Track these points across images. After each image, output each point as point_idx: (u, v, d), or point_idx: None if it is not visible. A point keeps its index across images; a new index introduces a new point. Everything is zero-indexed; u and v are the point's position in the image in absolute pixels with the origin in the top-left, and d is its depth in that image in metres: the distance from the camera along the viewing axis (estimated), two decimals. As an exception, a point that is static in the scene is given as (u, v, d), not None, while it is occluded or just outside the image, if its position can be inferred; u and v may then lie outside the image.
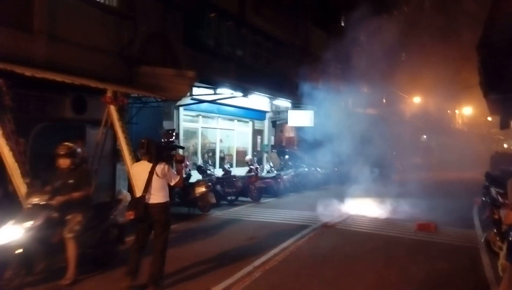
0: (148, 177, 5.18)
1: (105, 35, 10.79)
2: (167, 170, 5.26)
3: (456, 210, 11.33)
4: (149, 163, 5.25)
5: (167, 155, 5.36)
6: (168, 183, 5.35)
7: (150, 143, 5.32)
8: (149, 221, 5.25)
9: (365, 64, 21.93)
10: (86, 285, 5.46)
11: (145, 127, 12.55)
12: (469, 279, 6.09)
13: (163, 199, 5.29)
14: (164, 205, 5.30)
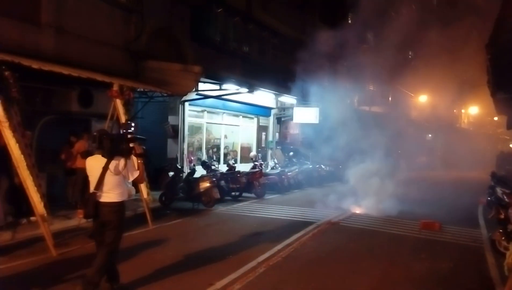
0: (101, 174, 4.67)
1: (112, 29, 10.83)
2: (123, 166, 4.73)
3: (461, 209, 11.29)
4: (103, 158, 4.73)
5: (125, 149, 4.77)
6: (127, 179, 4.87)
7: (103, 136, 4.81)
8: (100, 221, 4.77)
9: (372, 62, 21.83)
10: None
11: (150, 122, 12.61)
12: (474, 278, 6.07)
13: (117, 198, 4.77)
14: (117, 205, 4.77)
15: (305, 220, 9.67)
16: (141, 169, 4.97)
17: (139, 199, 9.54)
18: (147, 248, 6.97)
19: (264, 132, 18.92)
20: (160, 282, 5.36)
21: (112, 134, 4.93)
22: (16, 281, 5.05)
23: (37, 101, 9.12)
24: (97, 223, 4.80)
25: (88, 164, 4.85)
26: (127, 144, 4.83)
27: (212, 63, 13.29)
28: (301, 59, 16.82)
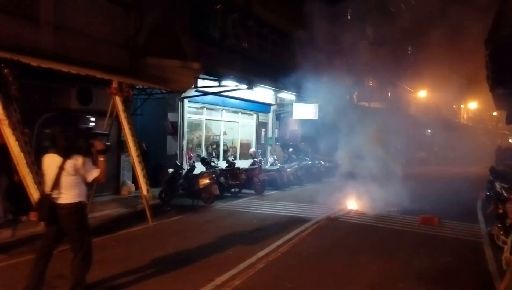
0: (56, 174, 4.34)
1: (111, 26, 10.81)
2: (80, 165, 4.40)
3: (460, 204, 11.33)
4: (59, 157, 4.38)
5: (82, 146, 4.46)
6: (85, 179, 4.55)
7: (57, 133, 4.44)
8: (57, 224, 4.42)
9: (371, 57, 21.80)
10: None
11: (150, 119, 12.63)
12: (472, 272, 6.10)
13: (75, 198, 4.43)
14: (75, 206, 4.43)
15: (305, 216, 9.69)
16: (102, 167, 4.61)
17: (138, 196, 9.59)
18: (147, 245, 7.01)
19: (264, 129, 18.93)
20: (160, 278, 5.39)
21: (68, 130, 4.52)
22: (16, 279, 5.07)
23: (36, 98, 9.11)
24: (52, 227, 4.45)
25: (43, 162, 4.52)
26: (86, 140, 4.54)
27: (211, 60, 13.29)
28: (300, 55, 16.81)
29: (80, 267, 4.50)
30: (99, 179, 4.62)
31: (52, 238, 4.48)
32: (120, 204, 10.03)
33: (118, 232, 7.78)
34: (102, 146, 4.61)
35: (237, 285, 5.25)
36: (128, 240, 7.35)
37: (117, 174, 11.44)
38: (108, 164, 10.29)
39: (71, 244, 4.52)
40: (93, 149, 4.57)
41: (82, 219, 4.56)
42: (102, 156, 4.63)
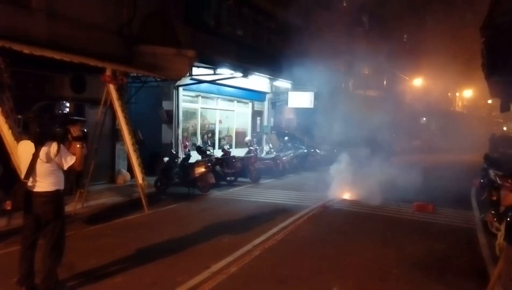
0: (31, 161, 4.18)
1: (104, 13, 10.67)
2: (55, 153, 4.20)
3: (454, 192, 11.41)
4: (32, 144, 4.22)
5: (57, 132, 4.27)
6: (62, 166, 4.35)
7: (31, 119, 4.23)
8: (34, 213, 4.28)
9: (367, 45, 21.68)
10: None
11: (144, 107, 12.55)
12: (466, 259, 6.17)
13: (51, 187, 4.27)
14: (51, 194, 4.27)
15: (300, 204, 9.73)
16: (79, 154, 4.36)
17: (134, 184, 9.57)
18: (143, 233, 7.01)
19: (259, 117, 18.88)
20: (156, 266, 5.41)
21: (42, 116, 4.28)
22: (12, 268, 5.07)
23: (29, 86, 9.02)
24: (30, 216, 4.29)
25: (18, 149, 4.42)
26: (61, 126, 4.35)
27: (206, 48, 13.16)
28: (296, 43, 16.71)
29: (50, 258, 4.32)
30: (75, 167, 4.38)
31: (33, 228, 4.33)
32: (115, 193, 10.02)
33: (113, 221, 7.78)
34: (78, 132, 4.39)
35: (233, 272, 5.28)
36: (123, 228, 7.36)
37: (112, 163, 11.41)
38: (103, 152, 10.32)
39: (42, 233, 4.35)
40: (69, 135, 4.38)
41: (58, 208, 4.38)
42: (78, 143, 4.39)
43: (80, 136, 4.40)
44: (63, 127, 4.35)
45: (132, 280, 4.98)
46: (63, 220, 4.52)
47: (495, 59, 8.81)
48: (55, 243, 4.34)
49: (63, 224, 4.49)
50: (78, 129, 4.43)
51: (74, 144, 4.41)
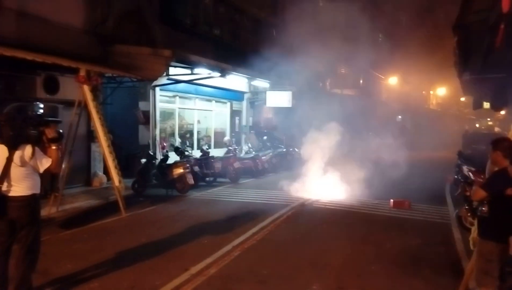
0: (4, 165, 4.02)
1: (77, 12, 10.43)
2: (29, 156, 4.05)
3: (429, 188, 11.65)
4: (6, 147, 4.04)
5: (31, 135, 4.11)
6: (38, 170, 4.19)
7: (2, 122, 4.05)
8: (9, 218, 4.10)
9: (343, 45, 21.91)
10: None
11: (120, 108, 12.36)
12: (441, 253, 6.30)
13: (27, 191, 4.13)
14: (27, 198, 4.12)
15: (280, 203, 9.76)
16: (55, 156, 4.23)
17: (110, 187, 9.40)
18: (120, 236, 6.89)
19: (238, 117, 18.84)
20: (134, 269, 5.32)
21: (14, 119, 4.12)
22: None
23: (0, 88, 8.74)
24: (4, 222, 4.10)
25: None
26: (35, 128, 4.17)
27: (183, 47, 13.01)
28: (273, 42, 16.74)
29: (24, 264, 4.16)
30: (52, 169, 4.25)
31: (8, 234, 4.15)
32: (91, 196, 9.82)
33: (90, 224, 7.61)
34: (53, 133, 4.24)
35: (212, 273, 5.24)
36: (100, 232, 7.21)
37: (88, 165, 11.17)
38: (78, 155, 10.11)
39: (17, 238, 4.18)
40: (44, 137, 4.22)
41: (34, 212, 4.24)
42: (54, 145, 4.25)
43: (56, 137, 4.25)
44: (37, 129, 4.18)
45: (109, 285, 4.89)
46: (39, 225, 4.38)
47: (467, 58, 9.03)
48: (29, 248, 4.20)
49: (38, 229, 4.35)
50: (53, 130, 4.28)
51: (50, 146, 4.25)
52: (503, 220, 3.95)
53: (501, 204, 3.92)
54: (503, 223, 3.95)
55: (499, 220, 3.96)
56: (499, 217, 3.95)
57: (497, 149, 4.05)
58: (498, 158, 4.03)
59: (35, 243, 4.28)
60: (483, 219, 4.12)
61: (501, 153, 4.00)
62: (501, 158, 4.00)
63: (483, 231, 4.10)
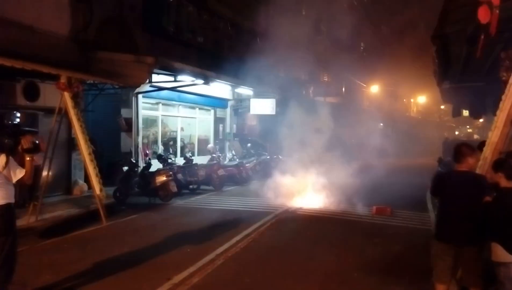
0: None
1: (58, 18, 10.30)
2: (3, 165, 4.02)
3: (411, 194, 11.81)
4: None
5: (6, 144, 4.17)
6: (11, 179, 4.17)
7: None
8: None
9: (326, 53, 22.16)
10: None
11: (102, 115, 12.20)
12: (422, 259, 6.33)
13: (1, 201, 4.10)
14: (1, 208, 4.08)
15: (264, 210, 9.75)
16: (29, 167, 4.18)
17: (91, 195, 9.25)
18: (101, 246, 6.77)
19: (222, 124, 18.82)
20: (115, 279, 5.24)
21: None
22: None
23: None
24: None
25: None
26: (11, 138, 4.21)
27: (166, 54, 12.96)
28: (257, 50, 16.82)
29: (0, 275, 4.09)
30: (25, 180, 4.20)
31: None
32: (72, 205, 9.63)
33: (70, 234, 7.47)
34: (29, 144, 4.21)
35: (195, 282, 5.19)
36: (81, 241, 7.08)
37: (68, 173, 10.97)
38: (59, 163, 9.93)
39: None
40: (19, 147, 4.20)
41: (9, 222, 4.15)
42: (29, 155, 4.22)
43: (31, 148, 4.21)
44: (13, 138, 4.17)
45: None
46: (14, 235, 4.29)
47: (445, 67, 9.26)
48: (5, 259, 4.11)
49: (14, 240, 4.25)
50: (29, 140, 4.23)
51: (24, 157, 4.20)
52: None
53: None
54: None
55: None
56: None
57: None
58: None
59: (11, 254, 4.19)
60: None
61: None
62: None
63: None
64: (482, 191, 4.00)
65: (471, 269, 4.05)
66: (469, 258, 4.02)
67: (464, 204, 4.03)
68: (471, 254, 4.01)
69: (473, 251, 4.01)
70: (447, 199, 4.18)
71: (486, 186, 4.05)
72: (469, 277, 4.09)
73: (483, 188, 4.02)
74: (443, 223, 4.25)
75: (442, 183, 4.28)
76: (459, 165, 4.14)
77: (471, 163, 4.06)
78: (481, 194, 4.00)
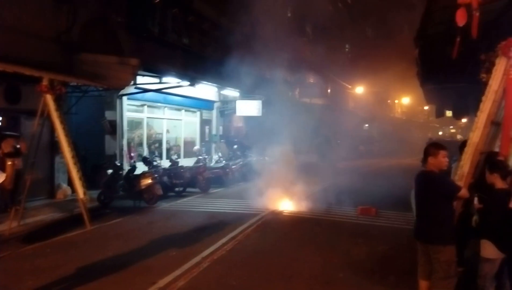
0: None
1: (41, 19, 10.15)
2: None
3: (395, 194, 11.89)
4: None
5: None
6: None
7: None
8: None
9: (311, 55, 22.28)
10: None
11: (86, 118, 12.07)
12: (407, 259, 6.41)
13: None
14: None
15: (250, 212, 9.74)
16: (9, 172, 4.12)
17: (75, 199, 9.11)
18: (84, 250, 6.69)
19: (208, 126, 18.76)
20: (99, 284, 5.17)
21: None
22: None
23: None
24: None
25: None
26: None
27: (151, 56, 12.89)
28: (242, 52, 16.82)
29: None
30: (5, 185, 4.14)
31: None
32: (55, 209, 9.48)
33: (53, 239, 7.35)
34: (9, 148, 4.22)
35: (180, 286, 5.16)
36: (64, 246, 6.97)
37: (51, 177, 10.81)
38: (41, 166, 9.77)
39: None
40: (0, 151, 4.18)
41: None
42: (10, 160, 4.16)
43: (11, 152, 4.18)
44: None
45: (72, 301, 4.73)
46: None
47: (428, 68, 9.39)
48: None
49: None
50: (10, 145, 4.27)
51: (5, 161, 4.15)
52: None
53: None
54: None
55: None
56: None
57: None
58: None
59: None
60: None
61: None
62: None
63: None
64: (438, 190, 4.08)
65: (434, 268, 4.12)
66: (433, 257, 4.11)
67: (421, 203, 4.28)
68: (433, 254, 4.09)
69: (435, 250, 4.07)
70: (415, 199, 4.47)
71: (441, 185, 4.12)
72: (432, 276, 4.16)
73: (436, 187, 4.10)
74: (415, 222, 4.51)
75: (414, 183, 4.44)
76: (424, 165, 4.24)
77: (432, 163, 4.13)
78: (436, 193, 4.07)
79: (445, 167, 4.30)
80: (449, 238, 4.06)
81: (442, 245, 4.05)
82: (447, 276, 4.02)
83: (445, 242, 4.04)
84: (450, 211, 4.17)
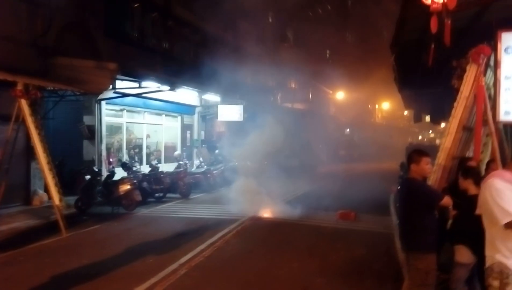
0: None
1: (15, 23, 9.99)
2: None
3: (374, 198, 12.05)
4: None
5: None
6: None
7: None
8: None
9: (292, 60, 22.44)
10: None
11: (63, 122, 11.88)
12: (384, 263, 6.51)
13: None
14: None
15: (230, 217, 9.70)
16: None
17: (52, 205, 8.93)
18: (60, 258, 6.55)
19: (189, 131, 18.65)
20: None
21: None
22: None
23: None
24: None
25: None
26: None
27: (130, 60, 12.77)
28: (223, 56, 16.84)
29: None
30: None
31: None
32: (30, 216, 9.27)
33: (27, 246, 7.18)
34: None
35: (157, 293, 5.10)
36: (38, 253, 6.81)
37: (27, 183, 10.57)
38: (17, 172, 9.54)
39: None
40: None
41: None
42: None
43: None
44: None
45: (44, 311, 4.62)
46: None
47: (405, 74, 9.54)
48: None
49: None
50: None
51: None
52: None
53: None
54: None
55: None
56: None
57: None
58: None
59: None
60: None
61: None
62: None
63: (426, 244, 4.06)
64: (419, 199, 3.98)
65: (411, 275, 4.09)
66: (411, 263, 4.06)
67: (403, 211, 4.20)
68: (412, 261, 4.04)
69: (414, 257, 4.02)
70: (398, 207, 4.47)
71: (422, 193, 4.02)
72: (409, 282, 4.13)
73: (418, 196, 4.00)
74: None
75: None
76: (405, 172, 4.24)
77: (414, 170, 4.02)
78: (418, 202, 3.97)
79: (428, 174, 4.30)
80: (429, 247, 3.98)
81: (421, 253, 3.97)
82: (423, 284, 3.96)
83: (424, 250, 3.96)
84: (432, 219, 4.06)
